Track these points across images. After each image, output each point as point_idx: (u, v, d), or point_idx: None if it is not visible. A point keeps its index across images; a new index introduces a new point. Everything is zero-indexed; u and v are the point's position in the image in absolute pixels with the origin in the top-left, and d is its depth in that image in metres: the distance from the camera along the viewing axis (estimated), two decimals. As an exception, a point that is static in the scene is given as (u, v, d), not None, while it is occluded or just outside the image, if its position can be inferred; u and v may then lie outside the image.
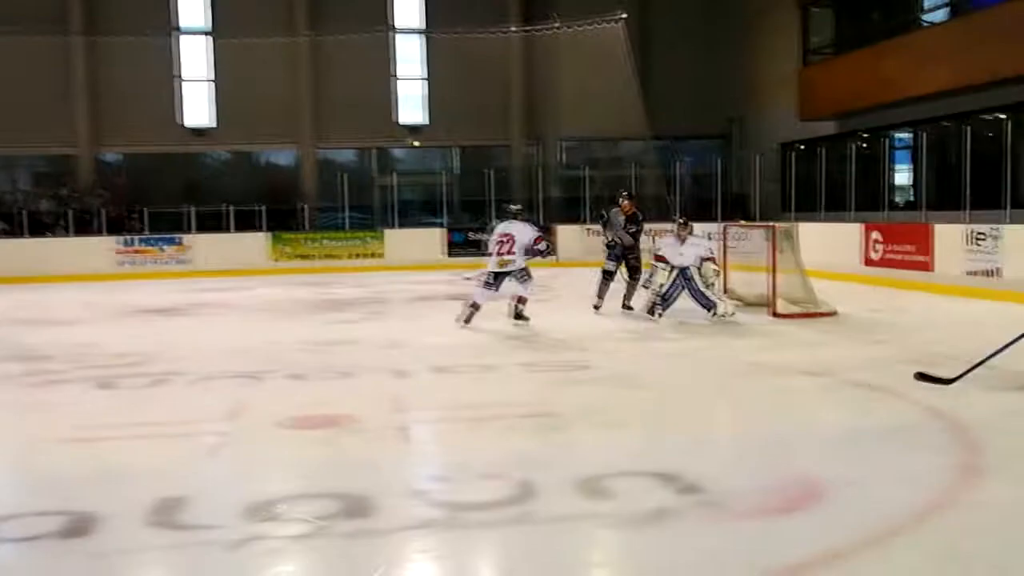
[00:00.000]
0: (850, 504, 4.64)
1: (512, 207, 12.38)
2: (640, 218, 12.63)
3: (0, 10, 24.58)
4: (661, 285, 11.76)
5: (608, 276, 12.49)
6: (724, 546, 4.21)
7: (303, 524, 4.51)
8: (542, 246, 11.66)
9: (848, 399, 7.12)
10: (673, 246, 11.87)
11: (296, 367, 8.83)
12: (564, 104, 26.04)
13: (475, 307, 11.57)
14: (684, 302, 11.73)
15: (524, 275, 11.66)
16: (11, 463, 6.10)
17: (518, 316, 11.63)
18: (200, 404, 7.44)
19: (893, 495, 4.77)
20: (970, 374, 6.97)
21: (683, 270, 11.68)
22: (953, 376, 7.01)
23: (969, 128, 17.35)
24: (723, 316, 11.42)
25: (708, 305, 11.54)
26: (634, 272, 12.45)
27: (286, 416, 6.72)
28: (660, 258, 11.96)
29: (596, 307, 12.45)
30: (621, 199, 12.68)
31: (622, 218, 12.50)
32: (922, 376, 7.19)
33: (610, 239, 12.51)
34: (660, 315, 11.64)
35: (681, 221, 12.11)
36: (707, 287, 11.64)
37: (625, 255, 12.46)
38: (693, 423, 6.50)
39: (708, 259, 11.79)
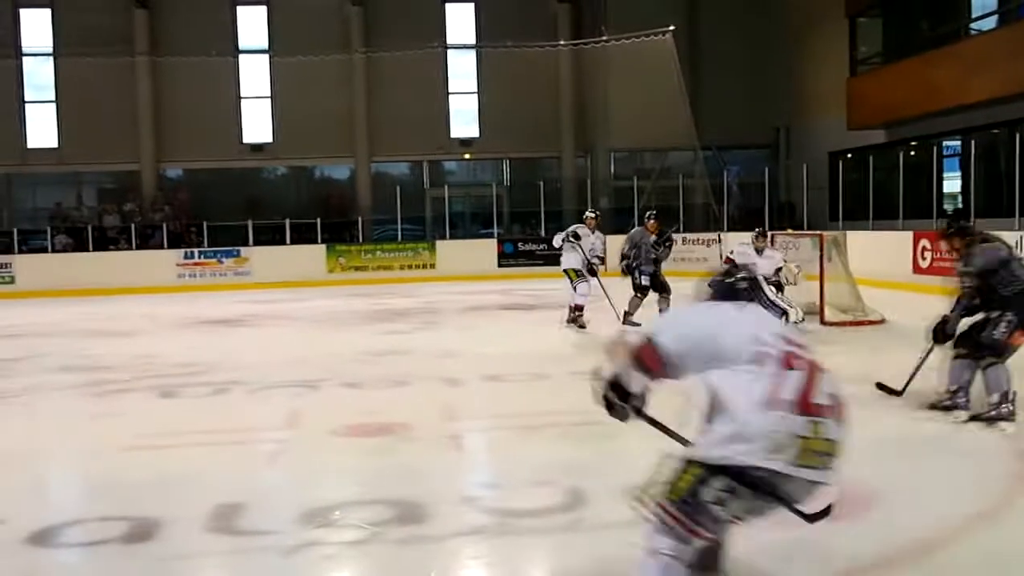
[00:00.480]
0: (900, 512, 4.56)
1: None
2: (668, 234, 12.50)
3: (70, 34, 25.18)
4: None
5: (644, 292, 12.15)
6: (771, 554, 4.16)
7: (358, 530, 4.53)
8: (556, 242, 12.27)
9: (899, 407, 6.99)
10: (748, 255, 11.76)
11: (351, 376, 8.88)
12: (614, 115, 25.98)
13: (571, 309, 11.96)
14: None
15: (570, 279, 11.80)
16: (75, 470, 6.21)
17: (574, 323, 11.68)
18: (258, 413, 7.53)
19: (944, 503, 4.68)
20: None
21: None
22: (902, 388, 7.00)
23: (1019, 135, 17.01)
24: (795, 323, 11.30)
25: (780, 313, 11.41)
26: (665, 289, 12.14)
27: (342, 424, 6.76)
28: (730, 261, 11.88)
29: (637, 324, 11.76)
30: (647, 219, 12.52)
31: (652, 237, 12.28)
32: (880, 386, 7.18)
33: (639, 260, 12.19)
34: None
35: (760, 232, 12.00)
36: (790, 284, 11.59)
37: (655, 272, 12.20)
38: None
39: (781, 267, 11.70)
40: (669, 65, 22.92)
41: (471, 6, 27.51)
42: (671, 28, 23.13)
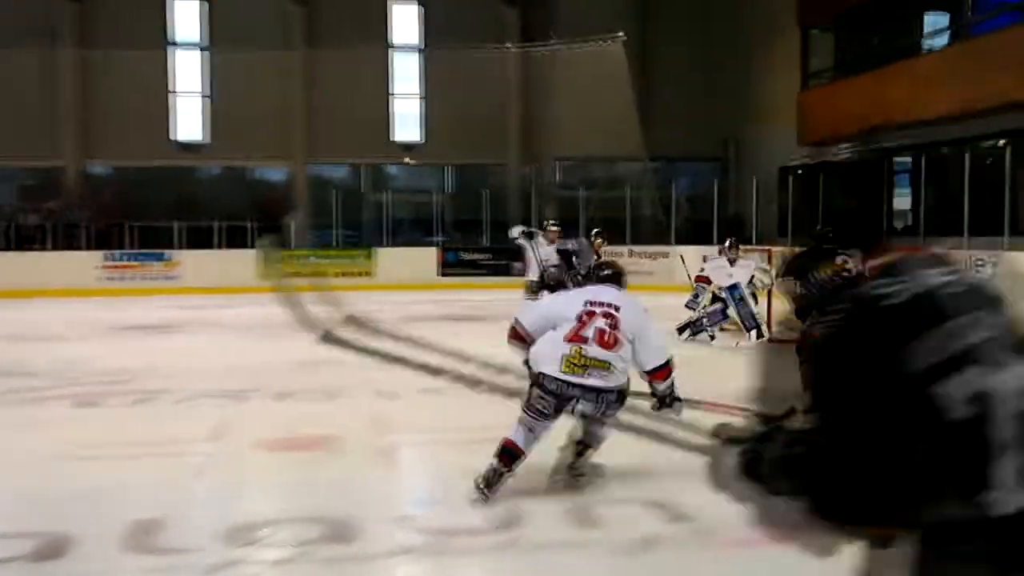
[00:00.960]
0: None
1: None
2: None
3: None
4: (705, 307, 11.83)
5: None
6: (713, 575, 4.19)
7: (284, 549, 4.47)
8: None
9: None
10: (721, 268, 11.89)
11: (282, 387, 8.78)
12: (561, 124, 26.06)
13: None
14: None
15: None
16: (-13, 482, 6.05)
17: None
18: (183, 424, 7.40)
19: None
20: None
21: (731, 289, 11.66)
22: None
23: (969, 154, 17.39)
24: (761, 339, 11.47)
25: (753, 327, 11.56)
26: None
27: (271, 437, 6.69)
28: (703, 279, 11.98)
29: None
30: (593, 238, 12.71)
31: (595, 257, 12.54)
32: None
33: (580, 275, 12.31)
34: (712, 336, 11.76)
35: (732, 242, 12.16)
36: (765, 288, 11.74)
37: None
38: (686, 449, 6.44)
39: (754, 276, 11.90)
40: (619, 73, 23.11)
41: (417, 7, 27.48)
42: (621, 35, 23.32)
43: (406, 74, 27.61)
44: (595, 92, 23.69)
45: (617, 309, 5.22)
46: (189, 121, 26.55)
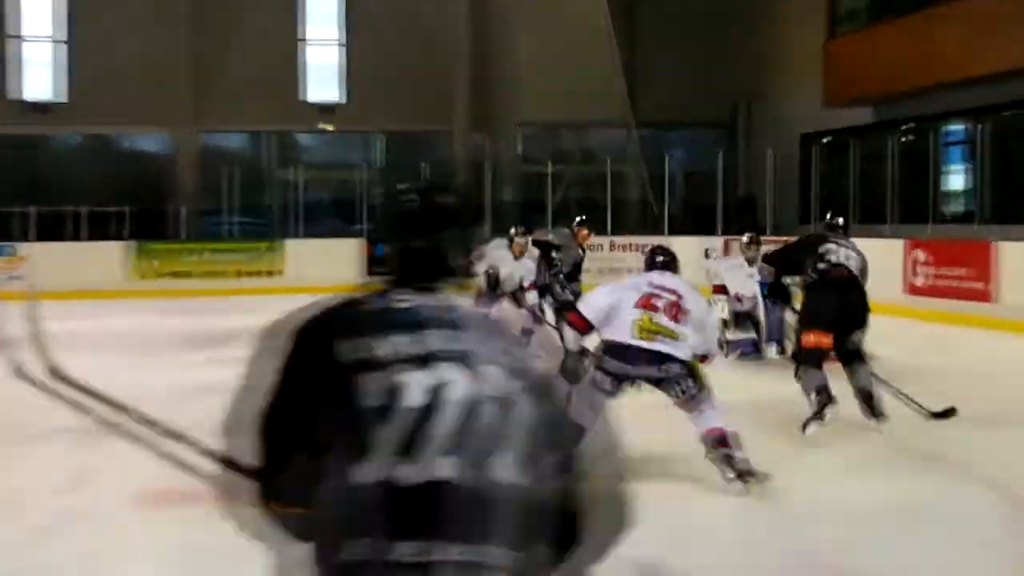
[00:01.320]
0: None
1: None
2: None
3: None
4: (725, 322, 11.77)
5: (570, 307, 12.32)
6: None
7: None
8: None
9: (886, 468, 7.10)
10: (739, 268, 11.93)
11: (164, 420, 8.66)
12: (524, 81, 26.09)
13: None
14: None
15: None
16: None
17: None
18: (26, 471, 7.35)
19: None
20: None
21: (764, 286, 11.68)
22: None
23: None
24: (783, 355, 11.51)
25: (776, 339, 11.62)
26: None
27: (145, 487, 6.59)
28: (720, 289, 11.99)
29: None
30: (580, 227, 12.90)
31: (580, 252, 12.84)
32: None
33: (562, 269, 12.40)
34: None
35: (752, 238, 12.22)
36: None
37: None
38: (684, 496, 6.43)
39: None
40: (597, 17, 23.14)
41: (337, -73, 27.44)
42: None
43: (322, 15, 27.54)
44: (567, 40, 23.73)
45: (680, 298, 6.56)
46: (38, 75, 26.35)
